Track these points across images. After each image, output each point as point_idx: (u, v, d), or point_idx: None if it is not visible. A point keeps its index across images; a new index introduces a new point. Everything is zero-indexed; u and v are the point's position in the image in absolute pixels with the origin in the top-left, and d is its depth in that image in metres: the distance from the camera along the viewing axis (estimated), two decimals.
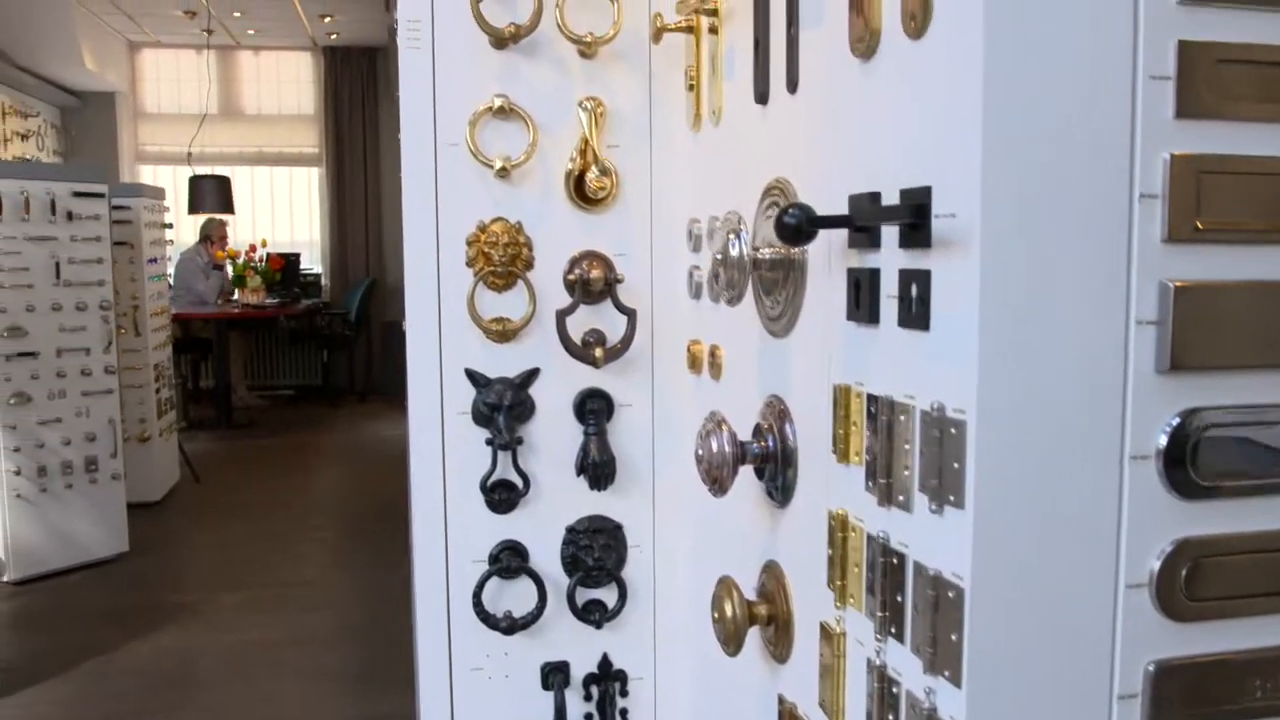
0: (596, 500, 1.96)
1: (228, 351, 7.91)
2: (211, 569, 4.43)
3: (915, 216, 1.04)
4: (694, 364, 1.86)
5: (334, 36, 9.21)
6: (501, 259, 1.90)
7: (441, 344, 1.91)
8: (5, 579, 3.93)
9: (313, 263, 9.76)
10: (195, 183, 7.82)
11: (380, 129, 9.78)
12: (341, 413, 8.72)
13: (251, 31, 9.05)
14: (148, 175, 9.79)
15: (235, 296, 8.22)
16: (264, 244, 8.36)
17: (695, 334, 1.86)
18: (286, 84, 9.82)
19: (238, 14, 8.39)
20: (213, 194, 7.72)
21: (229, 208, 7.85)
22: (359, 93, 9.68)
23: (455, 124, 1.86)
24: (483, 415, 1.93)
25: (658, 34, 1.81)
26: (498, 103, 1.86)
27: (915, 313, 1.04)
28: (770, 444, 1.43)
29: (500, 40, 1.84)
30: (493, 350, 1.92)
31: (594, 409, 1.96)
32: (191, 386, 8.38)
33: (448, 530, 1.95)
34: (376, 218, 9.81)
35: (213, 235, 8.23)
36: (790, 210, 1.20)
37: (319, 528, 5.06)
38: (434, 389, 1.92)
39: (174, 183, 9.79)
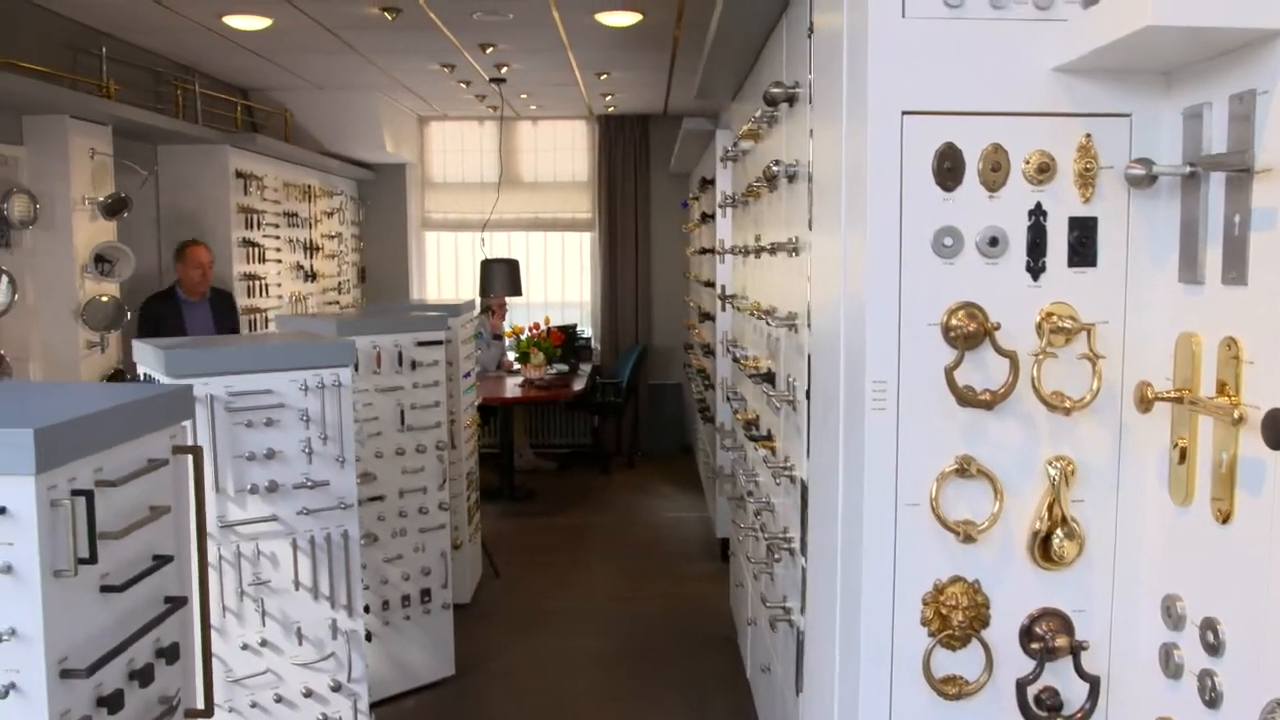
0: None
1: (512, 425, 8.21)
2: (534, 701, 4.57)
3: None
4: None
5: (611, 109, 9.41)
6: (960, 623, 1.83)
7: (892, 703, 1.86)
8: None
9: (583, 323, 10.04)
10: (486, 266, 8.15)
11: (651, 195, 9.94)
12: (614, 482, 8.90)
13: (534, 107, 9.36)
14: (431, 241, 10.31)
15: (517, 368, 8.57)
16: (547, 321, 8.64)
17: (1168, 712, 1.73)
18: (562, 151, 10.12)
19: (524, 95, 8.69)
20: (502, 277, 8.03)
21: (517, 290, 8.15)
22: (630, 159, 9.85)
23: (916, 483, 1.82)
24: None
25: (1147, 404, 1.70)
26: (962, 464, 1.80)
27: None
28: None
29: (965, 400, 1.77)
30: (943, 709, 1.86)
31: None
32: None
33: None
34: (646, 284, 9.98)
35: (493, 307, 8.60)
36: None
37: (630, 653, 5.13)
38: None
39: (455, 248, 10.31)
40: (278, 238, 7.56)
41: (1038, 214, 1.77)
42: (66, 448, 1.60)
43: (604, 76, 7.81)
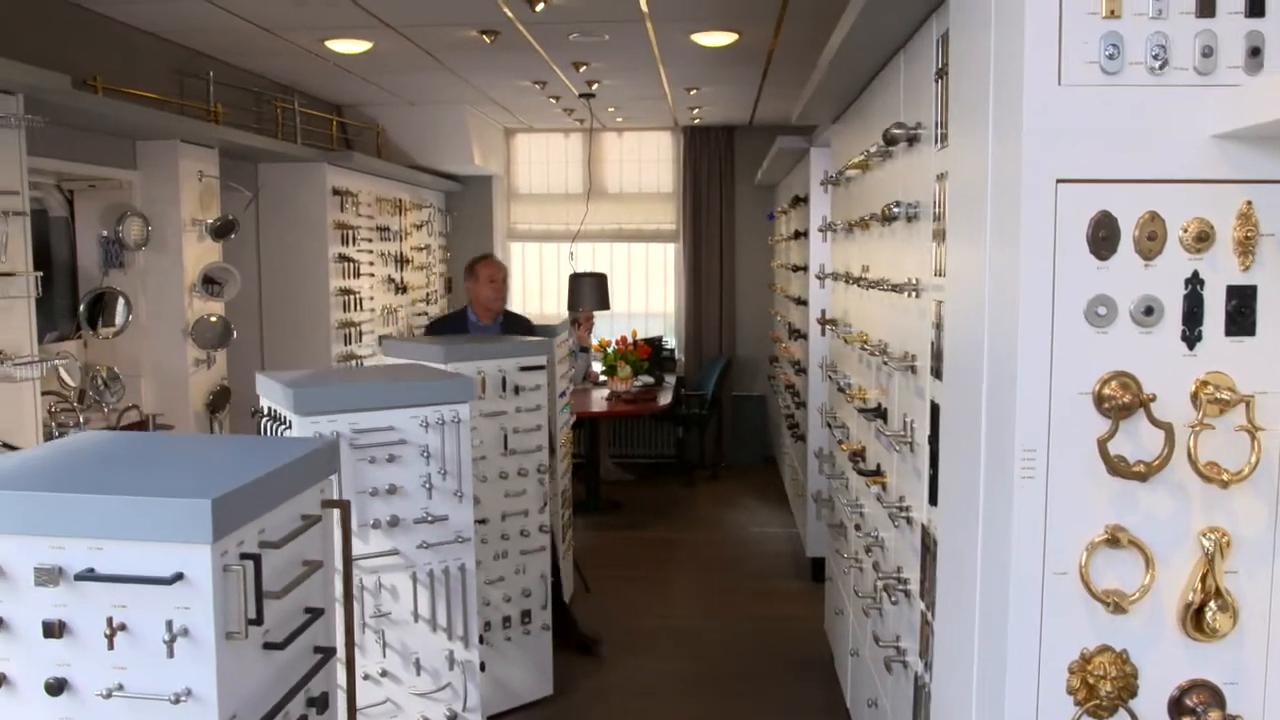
0: None
1: (599, 438, 8.26)
2: None
3: None
4: None
5: (696, 120, 9.42)
6: (1108, 693, 1.81)
7: None
8: None
9: (667, 334, 10.07)
10: (575, 280, 8.22)
11: (736, 206, 9.93)
12: (698, 494, 8.92)
13: (620, 119, 9.41)
14: (516, 251, 10.42)
15: (603, 380, 8.62)
16: (634, 335, 8.68)
17: None
18: (646, 162, 10.16)
19: (611, 108, 8.73)
20: (590, 291, 8.08)
21: (605, 304, 8.19)
22: (715, 170, 9.85)
23: (1064, 552, 1.80)
24: None
25: None
26: (1113, 534, 1.78)
27: None
28: None
29: (1118, 472, 1.75)
30: None
31: None
32: None
33: None
34: (730, 295, 9.97)
35: (579, 319, 8.64)
36: None
37: (725, 675, 5.12)
38: None
39: (540, 258, 10.41)
40: (370, 252, 7.68)
41: (1194, 282, 1.74)
42: (237, 514, 1.66)
43: (693, 91, 7.83)
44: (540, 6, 5.04)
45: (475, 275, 5.70)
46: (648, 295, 10.31)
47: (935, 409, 2.59)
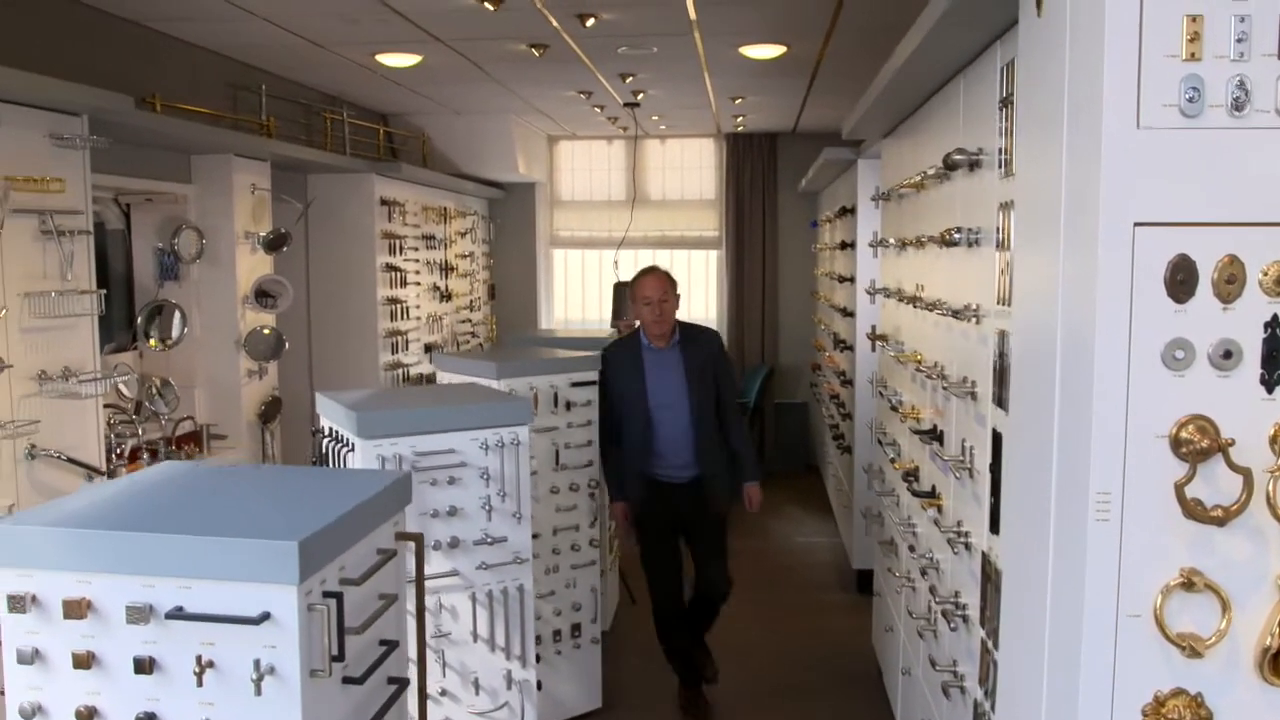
0: None
1: None
2: None
3: None
4: None
5: (740, 128, 9.42)
6: None
7: None
8: None
9: None
10: (619, 289, 8.24)
11: (779, 213, 9.91)
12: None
13: (663, 126, 9.42)
14: (559, 258, 10.46)
15: None
16: None
17: None
18: (689, 169, 10.16)
19: (655, 117, 8.75)
20: None
21: None
22: (759, 177, 9.84)
23: (1138, 595, 1.79)
24: None
25: None
26: (1188, 578, 1.77)
27: None
28: None
29: (1195, 516, 1.74)
30: None
31: None
32: None
33: None
34: (773, 302, 9.95)
35: (621, 329, 8.67)
36: None
37: (773, 689, 5.14)
38: None
39: (582, 265, 10.44)
40: (417, 260, 7.75)
41: (1274, 325, 1.73)
42: (321, 554, 1.69)
43: (738, 100, 7.84)
44: (591, 21, 5.07)
45: (630, 297, 4.92)
46: (689, 302, 10.29)
47: (997, 437, 2.59)
